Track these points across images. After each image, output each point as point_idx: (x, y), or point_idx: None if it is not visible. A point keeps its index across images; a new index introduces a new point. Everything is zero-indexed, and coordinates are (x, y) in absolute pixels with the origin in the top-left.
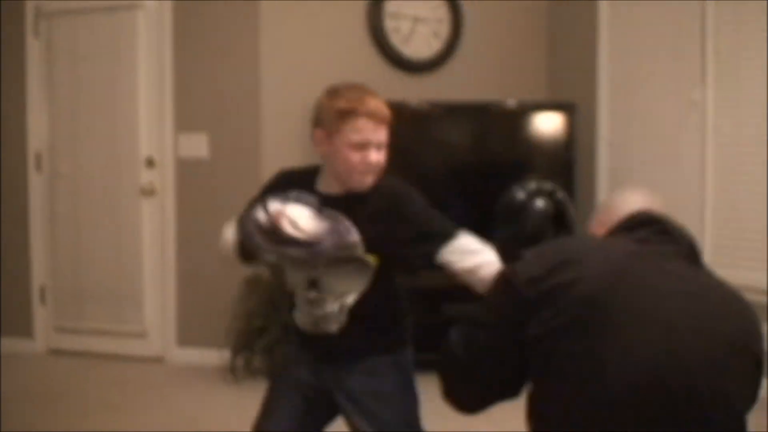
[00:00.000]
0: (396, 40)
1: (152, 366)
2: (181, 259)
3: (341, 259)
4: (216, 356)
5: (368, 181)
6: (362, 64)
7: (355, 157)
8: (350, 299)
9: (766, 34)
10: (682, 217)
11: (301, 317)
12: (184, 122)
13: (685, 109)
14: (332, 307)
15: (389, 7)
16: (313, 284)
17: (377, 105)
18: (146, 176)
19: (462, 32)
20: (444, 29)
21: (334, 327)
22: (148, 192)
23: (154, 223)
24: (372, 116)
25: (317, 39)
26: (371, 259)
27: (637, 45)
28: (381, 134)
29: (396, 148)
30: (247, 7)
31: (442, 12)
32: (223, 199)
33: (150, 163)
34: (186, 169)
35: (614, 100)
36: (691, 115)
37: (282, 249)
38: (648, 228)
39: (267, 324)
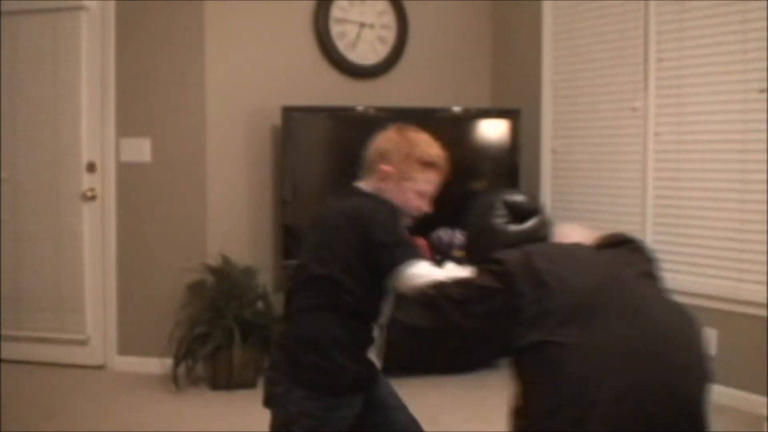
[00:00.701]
0: (342, 46)
1: (94, 374)
2: (122, 266)
3: None
4: (158, 364)
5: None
6: (308, 69)
7: (416, 203)
8: None
9: (707, 42)
10: (624, 221)
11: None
12: (127, 126)
13: (626, 116)
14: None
15: (335, 13)
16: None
17: (447, 160)
18: (87, 181)
19: (408, 39)
20: (390, 35)
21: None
22: (89, 197)
23: (95, 229)
24: (443, 171)
25: (263, 43)
26: None
27: (580, 53)
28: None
29: (342, 153)
30: (191, 11)
31: (388, 18)
32: (166, 204)
33: (91, 168)
34: (128, 174)
35: (558, 106)
36: (633, 121)
37: None
38: (626, 245)
39: (210, 331)
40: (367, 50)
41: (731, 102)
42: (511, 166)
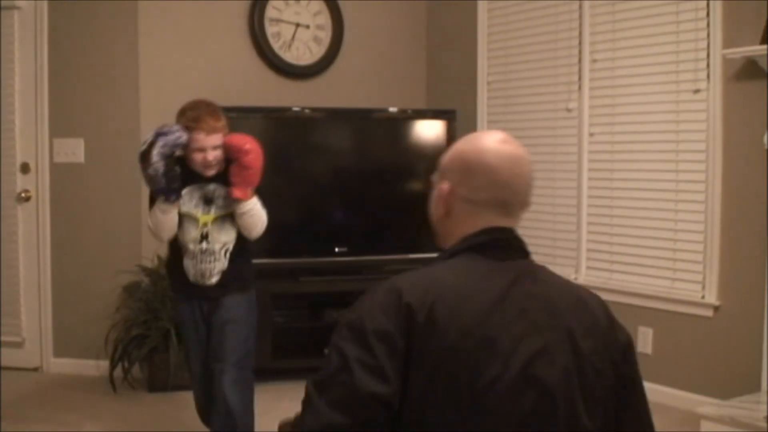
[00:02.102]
0: (277, 46)
1: (30, 377)
2: (57, 267)
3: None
4: (94, 366)
5: (210, 172)
6: (243, 69)
7: (198, 156)
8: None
9: (641, 42)
10: (559, 221)
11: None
12: (60, 127)
13: (561, 117)
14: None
15: (270, 13)
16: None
17: (201, 120)
18: (22, 182)
19: (343, 39)
20: (325, 36)
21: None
22: (24, 198)
23: (30, 230)
24: (202, 129)
25: (197, 43)
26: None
27: (515, 54)
28: (213, 140)
29: (278, 153)
30: (125, 10)
31: (324, 19)
32: (101, 205)
33: (25, 168)
34: (62, 175)
35: (493, 107)
36: (568, 122)
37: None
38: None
39: (146, 332)
40: (303, 51)
41: (665, 102)
42: None
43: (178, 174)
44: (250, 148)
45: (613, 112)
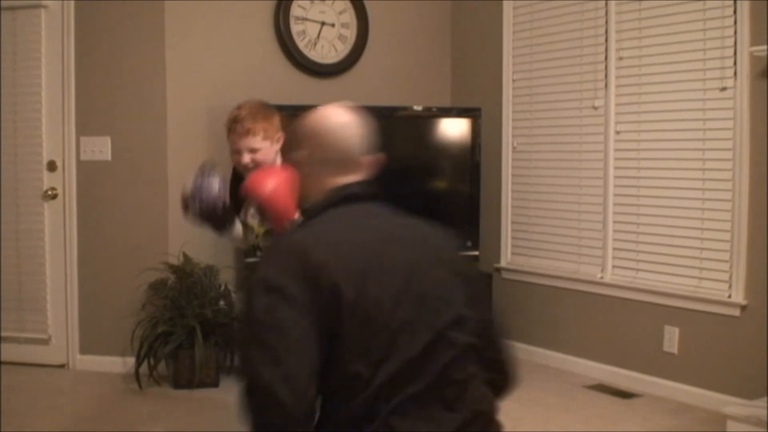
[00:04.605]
0: (303, 44)
1: (56, 373)
2: (83, 264)
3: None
4: (120, 363)
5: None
6: (269, 68)
7: (234, 159)
8: None
9: (667, 40)
10: (585, 219)
11: None
12: (87, 125)
13: (587, 114)
14: None
15: (296, 11)
16: None
17: (238, 121)
18: (48, 180)
19: (368, 37)
20: (350, 34)
21: None
22: (51, 196)
23: (57, 228)
24: (238, 132)
25: (223, 42)
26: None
27: (540, 51)
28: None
29: None
30: (151, 9)
31: (349, 17)
32: (127, 203)
33: (52, 166)
34: (88, 173)
35: (518, 105)
36: (594, 119)
37: None
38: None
39: (172, 329)
40: (328, 49)
41: (691, 100)
42: (472, 164)
43: (222, 216)
44: (254, 193)
45: (640, 110)
